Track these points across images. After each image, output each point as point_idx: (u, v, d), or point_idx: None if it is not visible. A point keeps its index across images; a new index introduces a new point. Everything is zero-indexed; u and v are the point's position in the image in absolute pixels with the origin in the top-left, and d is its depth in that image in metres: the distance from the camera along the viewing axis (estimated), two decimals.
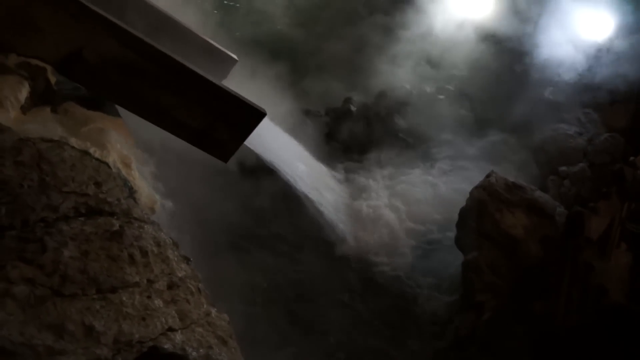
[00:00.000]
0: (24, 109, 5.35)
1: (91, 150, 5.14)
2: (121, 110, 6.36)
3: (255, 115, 6.36)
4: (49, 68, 5.62)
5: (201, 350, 3.87)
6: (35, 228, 3.96)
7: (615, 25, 10.67)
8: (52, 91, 5.73)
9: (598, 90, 10.33)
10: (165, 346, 3.64)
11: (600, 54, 10.61)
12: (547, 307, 7.21)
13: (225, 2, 14.38)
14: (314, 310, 8.63)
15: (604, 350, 4.60)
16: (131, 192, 4.99)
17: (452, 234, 9.37)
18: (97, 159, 4.99)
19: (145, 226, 4.49)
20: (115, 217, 4.40)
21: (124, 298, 3.83)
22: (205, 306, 4.31)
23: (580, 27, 11.18)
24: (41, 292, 3.55)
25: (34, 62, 5.49)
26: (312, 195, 9.70)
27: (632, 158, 7.38)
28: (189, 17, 9.02)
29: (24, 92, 5.35)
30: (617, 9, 10.73)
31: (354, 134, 11.79)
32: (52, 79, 5.70)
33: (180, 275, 4.32)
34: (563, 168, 9.79)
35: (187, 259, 4.56)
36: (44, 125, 5.32)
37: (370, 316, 8.98)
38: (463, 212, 9.04)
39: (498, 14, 12.51)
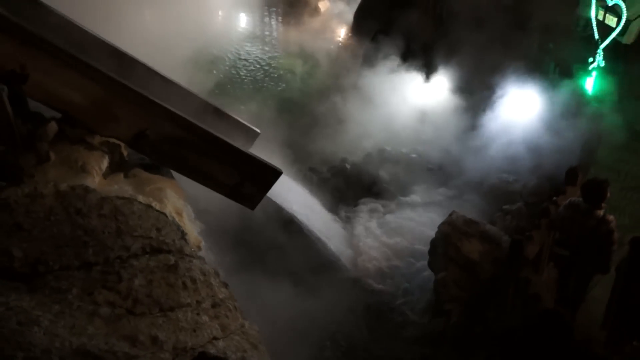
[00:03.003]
0: (105, 175, 5.46)
1: (153, 204, 5.21)
2: (174, 173, 6.45)
3: (274, 174, 6.44)
4: (122, 144, 5.73)
5: (238, 354, 3.89)
6: (113, 263, 4.03)
7: (544, 104, 10.78)
8: (125, 161, 5.84)
9: (529, 149, 10.44)
10: (211, 351, 3.65)
11: (531, 123, 10.72)
12: (498, 312, 7.14)
13: (252, 87, 14.63)
14: (323, 314, 8.57)
15: (539, 343, 4.61)
16: (183, 235, 4.99)
17: (425, 258, 9.30)
18: (157, 211, 5.05)
19: (194, 260, 4.53)
20: (171, 254, 4.45)
21: (180, 315, 3.86)
22: (240, 320, 4.33)
23: (518, 103, 11.35)
24: (119, 312, 3.61)
25: (112, 140, 5.63)
26: (319, 233, 9.68)
27: (554, 198, 7.42)
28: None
29: (105, 163, 5.46)
30: (545, 91, 10.92)
31: (349, 185, 11.81)
32: (125, 152, 5.80)
33: (221, 297, 4.35)
34: (506, 206, 9.79)
35: (225, 285, 4.59)
36: (119, 187, 5.42)
37: (363, 319, 8.95)
38: (433, 242, 8.98)
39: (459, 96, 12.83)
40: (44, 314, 3.28)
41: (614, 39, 9.94)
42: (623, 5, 9.54)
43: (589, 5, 10.09)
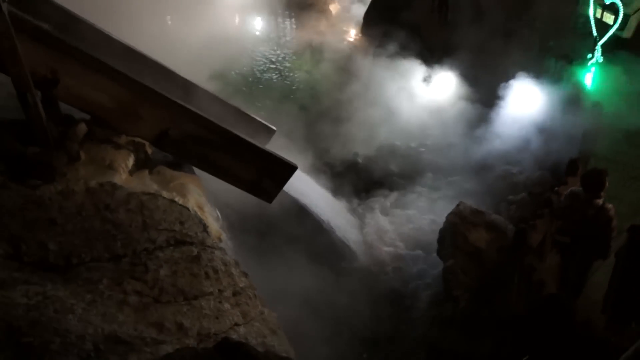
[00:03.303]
0: (131, 172, 5.49)
1: (176, 199, 5.24)
2: (196, 169, 6.49)
3: (290, 169, 6.45)
4: (146, 143, 5.77)
5: (258, 339, 3.94)
6: (140, 255, 4.09)
7: (546, 99, 10.73)
8: (149, 159, 5.86)
9: (532, 142, 10.42)
10: (233, 337, 3.69)
11: (534, 117, 10.69)
12: (504, 297, 7.15)
13: (261, 86, 14.61)
14: (332, 299, 8.60)
15: (542, 326, 4.62)
16: (204, 228, 5.03)
17: (434, 248, 9.30)
18: (180, 205, 5.11)
19: (215, 251, 4.58)
20: (194, 245, 4.50)
21: (203, 303, 3.91)
22: (260, 307, 4.37)
23: (521, 98, 11.29)
24: (146, 300, 3.68)
25: (137, 139, 5.67)
26: (333, 224, 9.71)
27: (556, 188, 7.41)
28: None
29: (130, 161, 5.50)
30: (546, 86, 10.86)
31: (361, 178, 11.82)
32: (149, 151, 5.83)
33: (241, 285, 4.39)
34: (510, 197, 9.78)
35: (245, 274, 4.62)
36: (144, 183, 5.46)
37: (374, 305, 8.96)
38: (441, 232, 8.99)
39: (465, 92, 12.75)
40: (77, 303, 3.35)
41: (613, 34, 9.88)
42: (620, 4, 9.50)
43: (587, 4, 10.05)
